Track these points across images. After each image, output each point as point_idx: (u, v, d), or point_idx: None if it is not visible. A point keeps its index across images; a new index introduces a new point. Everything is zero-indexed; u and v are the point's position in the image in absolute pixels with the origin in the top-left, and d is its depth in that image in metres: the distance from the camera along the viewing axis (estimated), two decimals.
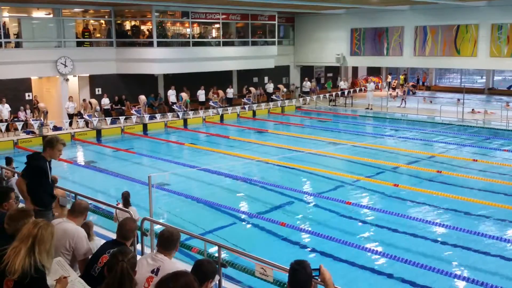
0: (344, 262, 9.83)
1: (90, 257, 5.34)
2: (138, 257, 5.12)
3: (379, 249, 10.49)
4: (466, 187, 14.89)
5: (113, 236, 8.23)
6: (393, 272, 9.43)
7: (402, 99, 32.28)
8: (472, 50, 29.41)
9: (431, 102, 33.87)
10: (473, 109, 28.49)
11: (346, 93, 33.32)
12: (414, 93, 38.21)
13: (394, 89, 39.98)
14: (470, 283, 8.83)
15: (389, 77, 42.53)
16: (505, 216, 12.20)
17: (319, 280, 4.21)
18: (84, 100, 25.61)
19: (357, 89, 36.60)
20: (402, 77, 41.83)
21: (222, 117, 28.34)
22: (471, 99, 30.29)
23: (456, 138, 22.66)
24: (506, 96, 36.31)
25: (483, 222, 12.07)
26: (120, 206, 9.10)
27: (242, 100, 31.16)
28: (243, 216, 12.79)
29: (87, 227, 6.42)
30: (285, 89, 34.78)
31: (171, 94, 28.08)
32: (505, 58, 28.35)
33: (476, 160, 18.08)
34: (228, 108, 29.18)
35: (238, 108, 29.39)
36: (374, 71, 43.06)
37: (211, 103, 29.43)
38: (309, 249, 10.61)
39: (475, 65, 31.85)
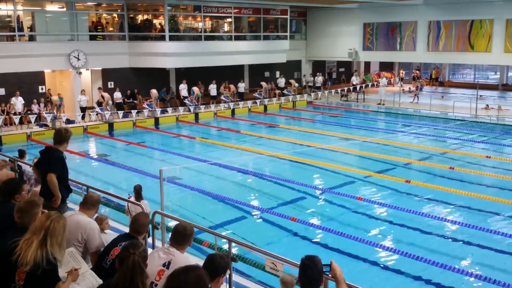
0: (355, 258, 9.81)
1: (102, 249, 5.36)
2: (150, 250, 5.14)
3: (391, 245, 10.45)
4: (479, 184, 14.76)
5: (125, 229, 8.29)
6: (404, 269, 9.39)
7: (415, 95, 32.05)
8: (486, 46, 29.11)
9: (442, 97, 33.60)
10: (487, 105, 28.24)
11: (358, 88, 33.18)
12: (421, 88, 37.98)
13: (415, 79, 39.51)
14: (482, 280, 8.77)
15: (402, 72, 42.24)
16: None
17: (330, 276, 4.20)
18: (99, 88, 25.68)
19: (369, 84, 36.40)
20: (417, 72, 41.55)
21: (233, 111, 28.33)
22: (485, 96, 29.95)
23: (469, 135, 22.47)
24: None
25: (496, 219, 11.97)
26: (132, 199, 9.13)
27: (254, 94, 31.13)
28: (253, 211, 12.79)
29: (101, 220, 6.46)
30: (296, 84, 34.69)
31: (183, 88, 28.11)
32: None
33: (489, 157, 17.91)
34: (240, 102, 29.15)
35: (249, 103, 29.36)
36: (386, 66, 42.81)
37: (222, 97, 29.43)
38: (319, 244, 10.59)
39: (489, 60, 31.51)
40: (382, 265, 9.61)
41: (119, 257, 3.86)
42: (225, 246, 6.59)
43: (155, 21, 28.05)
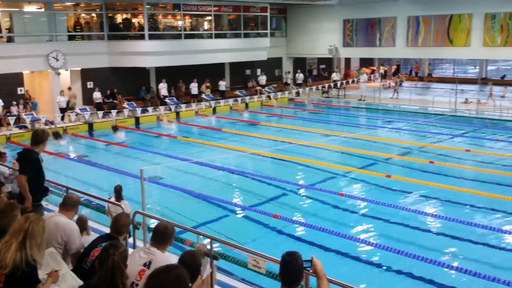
0: (336, 253, 9.87)
1: (82, 250, 5.34)
2: (131, 250, 5.13)
3: (372, 240, 10.53)
4: (458, 177, 14.93)
5: (106, 230, 8.24)
6: (385, 263, 9.48)
7: (394, 90, 32.28)
8: (465, 40, 29.43)
9: (421, 94, 33.87)
10: (466, 99, 28.56)
11: (338, 84, 33.31)
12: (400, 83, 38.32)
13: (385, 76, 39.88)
14: (462, 272, 8.87)
15: (381, 68, 42.52)
16: (497, 206, 12.24)
17: (310, 271, 4.22)
18: (69, 88, 25.48)
19: (350, 80, 36.58)
20: (395, 67, 41.89)
21: (214, 109, 28.28)
22: (465, 90, 30.30)
23: (449, 129, 22.72)
24: (499, 86, 36.35)
25: (476, 212, 12.12)
26: (112, 199, 9.09)
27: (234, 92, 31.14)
28: (236, 209, 12.79)
29: (82, 221, 6.42)
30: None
31: (162, 88, 28.05)
32: (499, 47, 28.39)
33: (469, 150, 18.12)
34: (221, 100, 29.11)
35: (230, 101, 29.33)
36: (367, 62, 43.06)
37: (203, 96, 29.39)
38: (302, 240, 10.63)
39: (468, 55, 31.84)
40: (363, 260, 9.68)
41: (99, 258, 3.85)
42: (208, 244, 6.57)
43: (134, 20, 27.87)
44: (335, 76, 35.18)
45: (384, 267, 9.37)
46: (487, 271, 8.76)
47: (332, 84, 33.46)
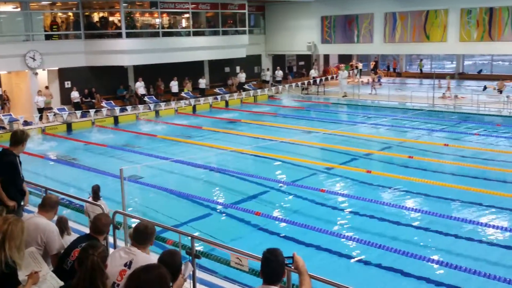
0: (318, 249, 9.90)
1: (62, 251, 5.29)
2: (111, 250, 5.08)
3: (354, 235, 10.57)
4: (437, 172, 15.08)
5: (87, 230, 8.16)
6: (368, 258, 9.53)
7: (373, 86, 32.47)
8: (441, 35, 29.74)
9: (398, 90, 34.06)
10: (443, 94, 28.85)
11: (318, 81, 33.44)
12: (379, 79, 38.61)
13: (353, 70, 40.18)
14: (443, 266, 8.97)
15: (360, 64, 42.75)
16: (476, 199, 12.38)
17: (292, 267, 4.22)
18: (46, 87, 25.17)
19: (329, 77, 36.75)
20: (373, 63, 42.17)
21: (194, 108, 28.19)
22: (443, 85, 30.59)
23: (427, 124, 22.94)
24: (476, 80, 36.83)
25: (455, 205, 12.25)
26: (90, 199, 9.00)
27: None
28: (218, 207, 12.76)
29: (62, 222, 6.36)
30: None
31: (139, 86, 27.92)
32: (475, 42, 28.75)
33: (447, 145, 18.33)
34: (201, 98, 29.01)
35: (210, 99, 29.25)
36: (345, 59, 43.27)
37: (183, 94, 29.28)
38: (284, 237, 10.63)
39: (445, 50, 32.22)
40: (345, 255, 9.72)
41: (78, 258, 3.82)
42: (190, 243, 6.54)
43: (111, 18, 27.62)
44: (313, 73, 35.29)
45: (366, 262, 9.42)
46: (467, 264, 8.87)
47: (311, 81, 33.55)
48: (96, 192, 9.11)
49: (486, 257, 9.54)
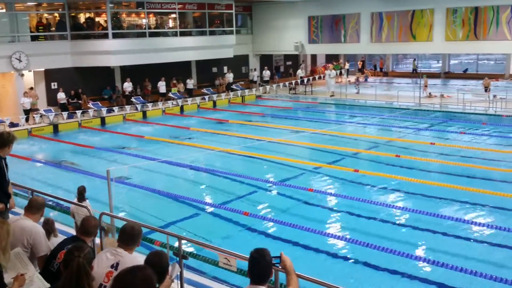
0: (307, 248, 9.92)
1: (49, 253, 5.27)
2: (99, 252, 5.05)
3: (342, 234, 10.62)
4: (424, 170, 15.17)
5: (74, 232, 8.12)
6: (354, 256, 9.57)
7: (356, 85, 32.50)
8: (427, 35, 29.91)
9: (387, 89, 34.23)
10: (430, 93, 29.04)
11: (305, 81, 33.52)
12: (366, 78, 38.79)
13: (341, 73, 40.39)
14: (431, 264, 9.03)
15: (347, 64, 42.88)
16: (462, 198, 12.49)
17: (280, 267, 4.23)
18: (31, 88, 24.97)
19: (316, 76, 36.84)
20: (360, 63, 42.38)
21: (182, 108, 28.13)
22: (428, 84, 30.75)
23: (414, 123, 23.07)
24: (462, 79, 37.13)
25: (441, 203, 12.33)
26: (76, 201, 8.94)
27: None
28: (206, 207, 12.75)
29: (49, 224, 6.32)
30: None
31: (127, 87, 27.82)
32: (460, 41, 28.94)
33: (434, 143, 18.44)
34: (188, 99, 28.96)
35: (198, 99, 29.22)
36: (332, 59, 43.40)
37: (170, 94, 29.21)
38: (273, 237, 10.65)
39: (431, 49, 32.39)
40: (333, 254, 9.75)
41: (64, 261, 3.80)
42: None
43: (97, 19, 27.48)
44: (300, 72, 35.37)
45: (353, 261, 9.46)
46: (453, 261, 8.94)
47: (299, 81, 33.61)
48: (81, 193, 9.05)
49: (473, 254, 9.62)
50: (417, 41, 30.40)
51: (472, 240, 10.29)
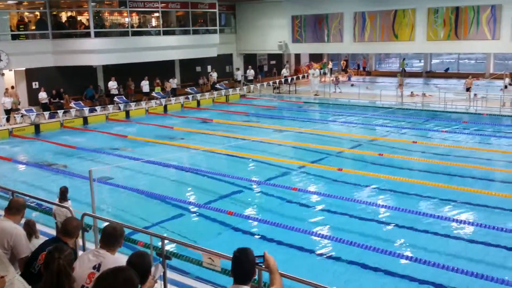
0: (291, 247, 9.93)
1: (29, 255, 5.21)
2: (81, 253, 5.01)
3: (325, 233, 10.65)
4: (407, 169, 15.29)
5: (55, 233, 8.04)
6: (339, 255, 9.60)
7: (336, 85, 32.65)
8: (409, 35, 30.14)
9: (367, 88, 34.32)
10: (412, 92, 29.27)
11: (289, 80, 33.55)
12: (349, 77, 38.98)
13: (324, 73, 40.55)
14: (413, 261, 9.09)
15: (331, 63, 43.03)
16: (444, 196, 12.60)
17: (263, 266, 4.22)
18: (12, 87, 24.69)
19: (300, 76, 36.91)
20: (344, 62, 42.59)
21: (165, 107, 28.01)
22: (411, 83, 30.99)
23: (396, 121, 23.23)
24: (443, 78, 37.46)
25: (424, 201, 12.43)
26: (57, 201, 8.85)
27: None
28: (190, 207, 12.70)
29: (30, 225, 6.24)
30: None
31: (113, 86, 27.60)
32: (442, 41, 29.20)
33: (416, 142, 18.59)
34: (172, 98, 28.84)
35: (181, 98, 29.12)
36: (316, 58, 43.54)
37: (154, 93, 29.07)
38: (257, 236, 10.65)
39: (413, 49, 32.70)
40: (318, 253, 9.78)
41: (44, 262, 3.76)
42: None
43: (79, 17, 27.24)
44: (285, 72, 35.43)
45: (337, 259, 9.49)
46: (436, 259, 9.01)
47: (283, 80, 33.65)
48: (63, 194, 8.97)
49: (455, 251, 9.70)
50: (400, 40, 30.62)
51: (451, 237, 10.38)
